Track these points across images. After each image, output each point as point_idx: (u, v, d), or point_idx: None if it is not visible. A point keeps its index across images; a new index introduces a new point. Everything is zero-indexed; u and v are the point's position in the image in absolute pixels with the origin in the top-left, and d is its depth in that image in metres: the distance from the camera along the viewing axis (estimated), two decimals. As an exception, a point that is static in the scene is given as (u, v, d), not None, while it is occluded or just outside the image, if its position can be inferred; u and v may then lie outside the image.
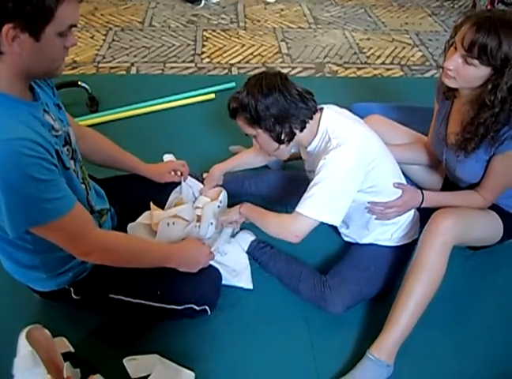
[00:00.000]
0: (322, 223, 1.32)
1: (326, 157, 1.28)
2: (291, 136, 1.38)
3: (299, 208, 1.31)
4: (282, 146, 1.41)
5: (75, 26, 1.00)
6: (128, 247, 1.25)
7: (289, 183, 1.80)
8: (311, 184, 1.31)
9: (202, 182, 1.74)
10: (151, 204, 1.57)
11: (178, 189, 1.67)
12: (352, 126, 1.40)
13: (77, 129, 1.41)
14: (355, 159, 1.29)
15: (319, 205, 1.30)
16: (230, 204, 1.67)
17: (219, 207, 1.63)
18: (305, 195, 1.32)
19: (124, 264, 1.26)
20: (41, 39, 0.94)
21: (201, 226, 1.57)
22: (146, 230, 1.52)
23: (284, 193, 1.78)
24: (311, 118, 1.37)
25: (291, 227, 1.33)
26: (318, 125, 1.37)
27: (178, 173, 1.67)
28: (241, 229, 1.68)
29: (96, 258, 1.20)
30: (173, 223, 1.50)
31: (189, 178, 1.70)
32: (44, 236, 1.08)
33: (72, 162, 1.19)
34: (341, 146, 1.29)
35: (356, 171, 1.30)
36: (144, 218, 1.53)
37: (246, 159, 1.77)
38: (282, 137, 1.37)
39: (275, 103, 1.32)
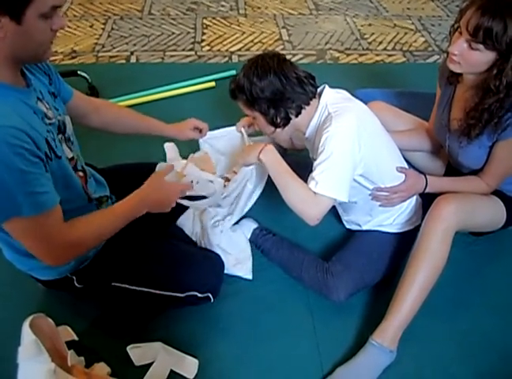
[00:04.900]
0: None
1: (329, 129, 1.26)
2: (286, 120, 1.37)
3: (318, 188, 1.24)
4: (278, 130, 1.41)
5: (59, 7, 0.97)
6: (91, 230, 1.15)
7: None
8: (320, 159, 1.26)
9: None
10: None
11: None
12: (352, 101, 1.39)
13: (89, 104, 1.41)
14: (356, 126, 1.28)
15: (335, 183, 1.26)
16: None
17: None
18: (316, 172, 1.26)
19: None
20: (23, 22, 0.92)
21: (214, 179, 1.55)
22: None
23: None
24: (308, 104, 1.36)
25: (313, 210, 1.27)
26: (317, 106, 1.36)
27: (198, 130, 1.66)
28: (244, 217, 1.67)
29: (68, 258, 1.15)
30: None
31: (208, 134, 1.70)
32: (14, 234, 1.03)
33: (68, 150, 1.18)
34: (341, 116, 1.28)
35: (358, 139, 1.28)
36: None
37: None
38: (277, 121, 1.37)
39: (269, 85, 1.30)
